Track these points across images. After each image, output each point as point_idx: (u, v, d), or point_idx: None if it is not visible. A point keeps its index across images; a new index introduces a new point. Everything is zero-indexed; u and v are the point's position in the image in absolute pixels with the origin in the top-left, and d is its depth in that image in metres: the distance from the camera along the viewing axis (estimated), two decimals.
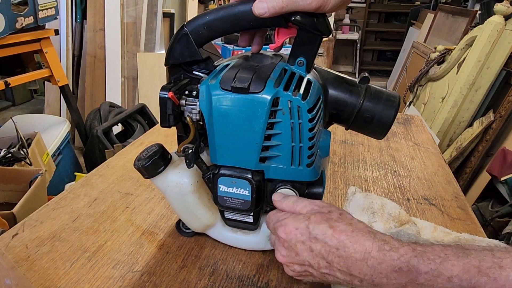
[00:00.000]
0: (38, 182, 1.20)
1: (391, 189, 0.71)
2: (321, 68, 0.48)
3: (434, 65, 2.05)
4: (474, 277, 0.31)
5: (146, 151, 0.46)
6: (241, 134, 0.42)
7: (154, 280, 0.47)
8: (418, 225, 0.55)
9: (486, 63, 1.62)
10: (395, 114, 0.45)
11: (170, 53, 0.44)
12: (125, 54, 2.53)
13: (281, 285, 0.47)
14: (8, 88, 1.65)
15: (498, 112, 1.59)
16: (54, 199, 0.64)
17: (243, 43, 0.49)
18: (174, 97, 0.42)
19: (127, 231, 0.57)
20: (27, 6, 1.62)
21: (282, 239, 0.40)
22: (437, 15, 3.12)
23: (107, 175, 0.73)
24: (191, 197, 0.48)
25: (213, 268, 0.50)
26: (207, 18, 0.42)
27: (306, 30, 0.40)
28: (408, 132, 1.00)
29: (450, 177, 0.77)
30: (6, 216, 1.00)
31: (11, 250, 0.52)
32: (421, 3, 4.67)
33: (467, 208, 0.66)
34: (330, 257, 0.37)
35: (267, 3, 0.38)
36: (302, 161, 0.43)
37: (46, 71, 1.83)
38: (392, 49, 4.95)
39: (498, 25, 1.57)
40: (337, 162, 0.81)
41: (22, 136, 1.48)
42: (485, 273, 0.31)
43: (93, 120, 2.05)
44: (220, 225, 0.53)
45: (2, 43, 1.54)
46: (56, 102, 2.59)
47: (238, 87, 0.40)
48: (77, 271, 0.49)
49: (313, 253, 0.38)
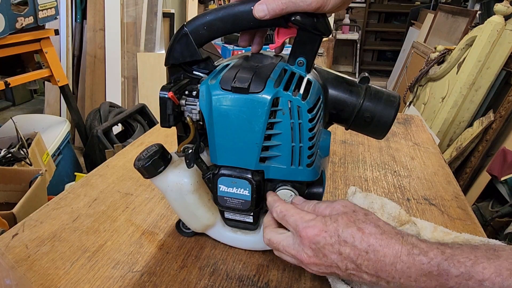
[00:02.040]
0: (38, 182, 1.20)
1: (391, 189, 0.71)
2: (321, 68, 0.48)
3: (434, 65, 2.05)
4: (506, 280, 0.31)
5: (146, 151, 0.46)
6: (241, 134, 0.42)
7: (154, 280, 0.47)
8: (418, 225, 0.55)
9: (486, 63, 1.62)
10: (395, 114, 0.45)
11: (170, 53, 0.44)
12: (125, 54, 2.53)
13: (281, 285, 0.47)
14: (8, 88, 1.65)
15: (498, 112, 1.59)
16: (54, 199, 0.64)
17: (243, 43, 0.49)
18: (174, 97, 0.42)
19: (127, 231, 0.57)
20: (27, 6, 1.62)
21: (308, 240, 0.39)
22: (437, 15, 3.12)
23: (107, 175, 0.73)
24: (191, 197, 0.48)
25: (213, 268, 0.50)
26: (207, 18, 0.42)
27: (306, 30, 0.40)
28: (408, 132, 1.00)
29: (450, 177, 0.77)
30: (6, 216, 1.00)
31: (11, 250, 0.52)
32: (421, 3, 4.67)
33: (467, 208, 0.66)
34: (359, 261, 0.36)
35: (267, 5, 0.38)
36: (302, 161, 0.43)
37: (46, 71, 1.83)
38: (392, 49, 4.96)
39: (498, 25, 1.57)
40: (337, 162, 0.81)
41: (22, 136, 1.48)
42: None
43: (93, 120, 2.05)
44: (220, 225, 0.53)
45: (2, 43, 1.54)
46: (56, 102, 2.59)
47: (238, 87, 0.40)
48: (77, 271, 0.49)
49: (341, 256, 0.37)
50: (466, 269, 0.33)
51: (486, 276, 0.32)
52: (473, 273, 0.32)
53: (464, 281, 0.32)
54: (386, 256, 0.35)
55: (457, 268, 0.33)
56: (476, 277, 0.32)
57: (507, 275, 0.31)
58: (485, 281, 0.32)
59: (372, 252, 0.36)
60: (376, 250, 0.36)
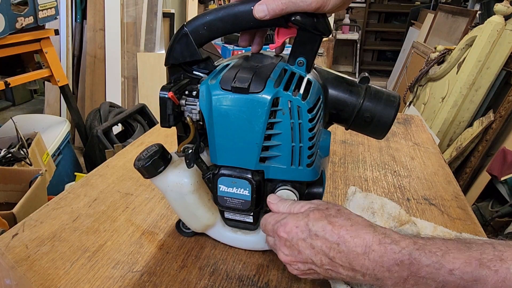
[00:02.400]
0: (38, 182, 1.20)
1: (391, 189, 0.71)
2: (321, 68, 0.48)
3: (434, 65, 2.05)
4: (475, 269, 0.32)
5: (146, 151, 0.46)
6: (241, 134, 0.42)
7: (154, 280, 0.47)
8: (418, 225, 0.55)
9: (486, 63, 1.62)
10: (395, 114, 0.45)
11: (170, 53, 0.44)
12: (125, 54, 2.53)
13: (281, 285, 0.47)
14: (8, 88, 1.65)
15: (498, 112, 1.59)
16: (54, 199, 0.64)
17: (243, 43, 0.49)
18: (174, 97, 0.42)
19: (127, 231, 0.57)
20: (27, 6, 1.62)
21: (283, 238, 0.40)
22: (437, 15, 3.12)
23: (107, 175, 0.73)
24: (191, 197, 0.48)
25: (213, 268, 0.50)
26: (207, 18, 0.42)
27: (306, 30, 0.40)
28: (408, 132, 1.00)
29: (450, 177, 0.77)
30: (6, 216, 1.00)
31: (11, 250, 0.52)
32: (421, 3, 4.67)
33: (467, 208, 0.66)
34: (332, 253, 0.37)
35: (267, 6, 0.38)
36: (302, 161, 0.43)
37: (46, 71, 1.83)
38: (392, 49, 4.95)
39: (498, 25, 1.57)
40: (337, 162, 0.81)
41: (22, 136, 1.48)
42: (487, 266, 0.31)
43: (93, 120, 2.05)
44: (220, 225, 0.53)
45: (2, 43, 1.54)
46: (56, 102, 2.59)
47: (238, 87, 0.40)
48: (77, 271, 0.49)
49: (314, 250, 0.38)
50: (437, 259, 0.33)
51: (456, 266, 0.32)
52: (444, 263, 0.33)
53: (435, 270, 0.33)
54: (357, 246, 0.36)
55: (428, 258, 0.33)
56: (447, 267, 0.33)
57: (476, 265, 0.32)
58: (455, 270, 0.32)
59: (343, 243, 0.36)
60: (346, 241, 0.36)
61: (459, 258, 0.33)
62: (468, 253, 0.33)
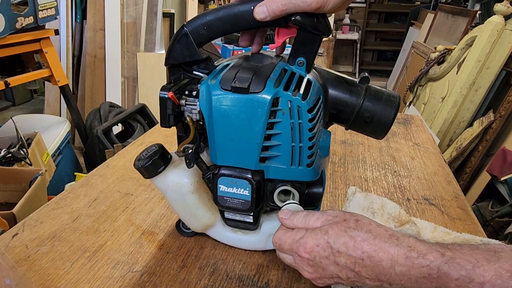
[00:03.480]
0: (38, 182, 1.20)
1: (391, 189, 0.71)
2: (321, 68, 0.48)
3: (434, 65, 2.05)
4: (506, 281, 0.31)
5: (146, 151, 0.46)
6: (241, 134, 0.42)
7: (154, 280, 0.47)
8: (418, 225, 0.55)
9: (486, 63, 1.62)
10: (395, 114, 0.45)
11: (170, 53, 0.44)
12: (125, 54, 2.53)
13: (281, 285, 0.47)
14: (8, 88, 1.65)
15: (498, 112, 1.59)
16: (54, 199, 0.64)
17: (243, 43, 0.49)
18: (174, 97, 0.42)
19: (127, 231, 0.57)
20: (27, 6, 1.62)
21: (305, 258, 0.39)
22: (437, 15, 3.12)
23: (107, 175, 0.73)
24: (191, 197, 0.48)
25: (213, 268, 0.50)
26: (207, 18, 0.42)
27: (306, 30, 0.40)
28: (408, 132, 1.00)
29: (450, 177, 0.77)
30: (6, 216, 1.00)
31: (11, 250, 0.52)
32: (421, 3, 4.67)
33: (467, 208, 0.66)
34: (357, 268, 0.36)
35: (267, 7, 0.38)
36: (302, 161, 0.43)
37: (46, 71, 1.83)
38: (392, 49, 4.95)
39: (498, 25, 1.57)
40: (337, 162, 0.81)
41: (22, 136, 1.48)
42: None
43: (93, 120, 2.05)
44: (220, 225, 0.53)
45: (2, 43, 1.54)
46: (56, 102, 2.59)
47: (238, 87, 0.40)
48: (77, 271, 0.49)
49: (339, 266, 0.37)
50: (467, 272, 0.32)
51: (487, 279, 0.32)
52: (473, 276, 0.32)
53: (465, 284, 0.32)
54: (382, 260, 0.35)
55: (458, 271, 0.33)
56: (477, 280, 0.32)
57: (507, 277, 0.31)
58: (486, 284, 0.32)
59: (367, 258, 0.36)
60: (371, 256, 0.36)
61: (489, 270, 0.32)
62: (498, 264, 0.32)
